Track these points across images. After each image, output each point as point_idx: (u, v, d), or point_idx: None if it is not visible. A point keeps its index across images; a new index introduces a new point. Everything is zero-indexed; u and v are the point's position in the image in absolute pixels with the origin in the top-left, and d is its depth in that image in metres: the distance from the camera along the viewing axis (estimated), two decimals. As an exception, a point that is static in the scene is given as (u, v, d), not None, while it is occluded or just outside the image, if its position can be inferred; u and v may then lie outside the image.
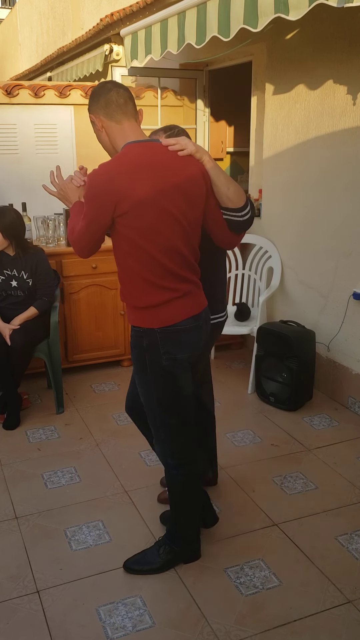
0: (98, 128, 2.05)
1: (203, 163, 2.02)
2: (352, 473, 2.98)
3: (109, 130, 2.02)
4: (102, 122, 2.02)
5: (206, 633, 2.03)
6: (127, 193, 1.89)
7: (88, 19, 7.57)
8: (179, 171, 1.97)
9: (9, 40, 12.91)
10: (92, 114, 2.04)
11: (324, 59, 3.49)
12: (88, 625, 2.08)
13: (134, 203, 1.90)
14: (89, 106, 2.05)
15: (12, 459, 3.14)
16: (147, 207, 1.91)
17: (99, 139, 2.09)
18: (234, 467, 3.04)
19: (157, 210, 1.93)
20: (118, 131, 2.01)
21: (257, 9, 2.72)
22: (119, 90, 2.01)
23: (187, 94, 5.07)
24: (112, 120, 2.00)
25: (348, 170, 3.45)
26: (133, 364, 2.18)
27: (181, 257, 2.03)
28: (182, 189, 1.96)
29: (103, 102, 1.99)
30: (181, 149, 1.98)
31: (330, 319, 3.77)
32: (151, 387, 2.13)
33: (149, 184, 1.91)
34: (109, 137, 2.04)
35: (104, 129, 2.03)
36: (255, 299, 4.24)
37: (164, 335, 2.05)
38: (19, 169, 4.52)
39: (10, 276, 3.48)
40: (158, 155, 1.96)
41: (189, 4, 3.26)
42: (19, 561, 2.39)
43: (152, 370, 2.10)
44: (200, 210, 2.05)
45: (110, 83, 2.05)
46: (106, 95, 1.99)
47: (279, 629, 2.05)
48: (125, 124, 2.00)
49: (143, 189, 1.90)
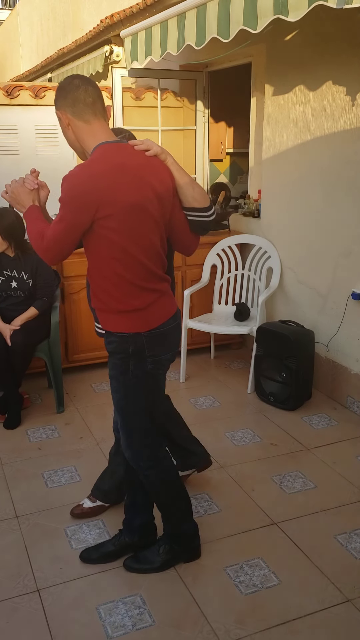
0: (64, 125, 1.98)
1: (167, 164, 2.00)
2: (351, 472, 2.99)
3: (76, 129, 1.97)
4: (69, 120, 1.96)
5: (206, 632, 2.04)
6: (111, 194, 1.85)
7: (88, 20, 7.58)
8: (153, 173, 1.96)
9: (9, 41, 12.92)
10: (59, 111, 1.97)
11: (323, 60, 3.50)
12: (88, 623, 2.08)
13: (120, 206, 1.87)
14: (56, 101, 1.98)
15: (12, 458, 3.15)
16: (133, 210, 1.89)
17: (65, 135, 2.02)
18: (233, 466, 3.05)
19: (141, 212, 1.91)
20: (87, 131, 1.96)
21: (257, 10, 2.73)
22: (87, 88, 1.94)
23: (187, 95, 5.08)
24: (80, 120, 1.95)
25: (347, 171, 3.46)
26: (111, 369, 2.10)
27: (160, 257, 2.04)
28: (157, 190, 1.95)
29: (71, 99, 1.93)
30: (147, 149, 1.97)
31: (329, 319, 3.78)
32: (131, 391, 2.09)
33: (133, 186, 1.89)
34: (76, 136, 1.98)
35: (70, 127, 1.97)
36: (255, 299, 4.25)
37: (150, 338, 2.03)
38: (20, 170, 4.50)
39: (10, 277, 3.50)
40: (133, 156, 1.94)
41: (189, 6, 3.27)
42: (19, 560, 2.40)
43: (134, 374, 2.06)
44: (169, 211, 2.03)
45: (78, 79, 1.97)
46: (74, 92, 1.93)
47: (279, 627, 2.06)
48: (94, 124, 1.95)
49: (128, 192, 1.88)
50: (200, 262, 4.38)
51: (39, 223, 1.99)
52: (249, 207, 4.59)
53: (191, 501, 2.38)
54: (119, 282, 1.97)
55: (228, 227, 4.63)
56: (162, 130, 4.88)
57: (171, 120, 5.08)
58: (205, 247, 4.38)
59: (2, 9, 19.33)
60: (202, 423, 3.51)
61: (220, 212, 4.67)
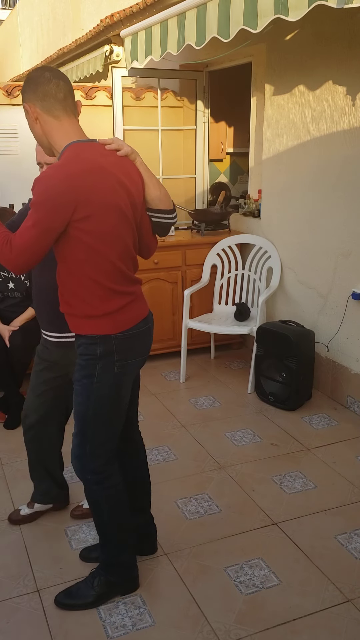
0: (32, 118, 1.88)
1: (136, 165, 1.96)
2: (351, 472, 2.99)
3: (45, 124, 1.87)
4: (37, 114, 1.86)
5: (206, 632, 2.04)
6: (88, 195, 1.77)
7: (88, 20, 7.58)
8: (125, 173, 1.91)
9: (9, 41, 12.92)
10: (27, 103, 1.86)
11: (323, 60, 3.50)
12: (88, 624, 2.08)
13: (97, 207, 1.80)
14: (24, 93, 1.87)
15: (12, 458, 3.15)
16: (110, 211, 1.83)
17: (32, 129, 1.92)
18: (233, 466, 3.05)
19: (117, 214, 1.86)
20: (57, 127, 1.86)
21: (257, 9, 2.73)
22: (59, 82, 1.85)
23: (187, 94, 5.08)
24: (50, 115, 1.85)
25: (347, 171, 3.46)
26: (76, 371, 2.01)
27: (132, 259, 2.00)
28: (130, 191, 1.91)
29: (41, 93, 1.83)
30: (118, 148, 1.90)
31: (329, 318, 3.78)
32: (93, 396, 1.97)
33: (109, 186, 1.82)
34: (44, 131, 1.88)
35: (39, 122, 1.87)
36: (255, 299, 4.25)
37: (119, 340, 1.94)
38: (20, 170, 4.53)
39: (7, 278, 3.51)
40: (106, 156, 1.87)
41: (189, 5, 3.26)
42: (19, 560, 2.40)
43: (99, 378, 1.95)
44: (140, 212, 1.98)
45: (49, 72, 1.86)
46: (45, 86, 1.83)
47: (279, 627, 2.06)
48: (65, 121, 1.86)
49: (105, 192, 1.81)
50: (201, 262, 4.38)
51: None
52: (249, 207, 4.59)
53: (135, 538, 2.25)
54: (92, 286, 1.89)
55: (228, 227, 4.63)
56: (162, 130, 4.88)
57: (171, 120, 5.08)
58: (205, 247, 4.38)
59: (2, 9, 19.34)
60: (202, 423, 3.51)
61: (221, 212, 4.68)
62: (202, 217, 4.59)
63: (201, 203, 5.20)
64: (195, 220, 4.63)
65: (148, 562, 2.37)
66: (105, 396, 1.98)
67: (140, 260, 2.11)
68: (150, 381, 4.11)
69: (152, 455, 3.13)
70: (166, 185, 2.18)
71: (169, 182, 4.90)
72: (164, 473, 2.98)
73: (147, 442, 3.28)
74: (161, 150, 4.86)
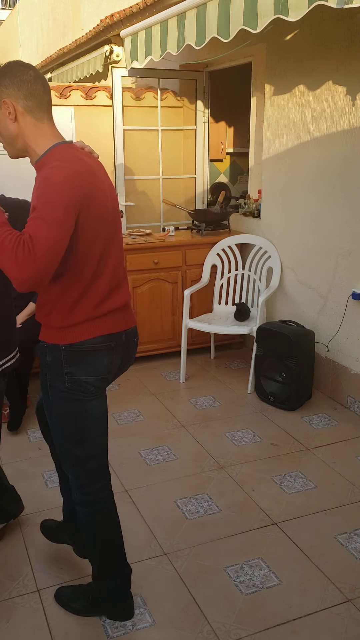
0: (7, 114, 1.73)
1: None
2: (351, 472, 2.99)
3: (24, 125, 1.74)
4: (17, 113, 1.72)
5: (206, 632, 2.04)
6: (91, 194, 1.69)
7: (88, 20, 7.58)
8: (106, 177, 1.85)
9: (9, 41, 12.93)
10: (8, 99, 1.71)
11: (323, 60, 3.50)
12: (88, 624, 2.08)
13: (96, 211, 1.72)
14: (4, 87, 1.72)
15: (12, 458, 3.15)
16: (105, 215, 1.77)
17: (5, 125, 1.75)
18: (233, 466, 3.05)
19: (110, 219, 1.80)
20: (38, 130, 1.75)
21: (257, 10, 2.73)
22: (44, 83, 1.76)
23: (187, 94, 5.08)
24: (32, 117, 1.73)
25: (347, 171, 3.46)
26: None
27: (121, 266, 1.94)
28: (113, 195, 1.87)
29: (26, 91, 1.71)
30: (91, 151, 1.86)
31: (329, 318, 3.78)
32: (53, 408, 1.90)
33: (102, 189, 1.76)
34: (21, 131, 1.75)
35: (17, 121, 1.73)
36: (255, 299, 4.25)
37: (68, 353, 1.80)
38: (20, 170, 4.51)
39: None
40: (89, 158, 1.80)
41: (189, 5, 3.27)
42: (19, 560, 2.40)
43: (53, 392, 1.86)
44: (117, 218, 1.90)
45: (32, 70, 1.75)
46: (30, 85, 1.72)
47: (279, 627, 2.06)
48: (46, 124, 1.77)
49: (101, 194, 1.74)
50: (200, 262, 4.38)
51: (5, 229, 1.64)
52: (249, 207, 4.59)
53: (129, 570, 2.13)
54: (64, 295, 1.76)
55: (228, 227, 4.63)
56: (162, 130, 4.88)
57: (171, 120, 5.08)
58: (205, 247, 4.38)
59: (2, 9, 19.35)
60: (202, 423, 3.52)
61: (221, 212, 4.68)
62: (202, 217, 4.59)
63: (201, 203, 5.20)
64: (195, 220, 4.64)
65: (148, 562, 2.37)
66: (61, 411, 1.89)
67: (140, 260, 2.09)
68: (150, 381, 4.11)
69: (152, 455, 3.13)
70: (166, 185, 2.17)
71: (169, 182, 4.91)
72: (164, 473, 2.99)
73: (147, 442, 3.30)
74: (161, 150, 4.86)
